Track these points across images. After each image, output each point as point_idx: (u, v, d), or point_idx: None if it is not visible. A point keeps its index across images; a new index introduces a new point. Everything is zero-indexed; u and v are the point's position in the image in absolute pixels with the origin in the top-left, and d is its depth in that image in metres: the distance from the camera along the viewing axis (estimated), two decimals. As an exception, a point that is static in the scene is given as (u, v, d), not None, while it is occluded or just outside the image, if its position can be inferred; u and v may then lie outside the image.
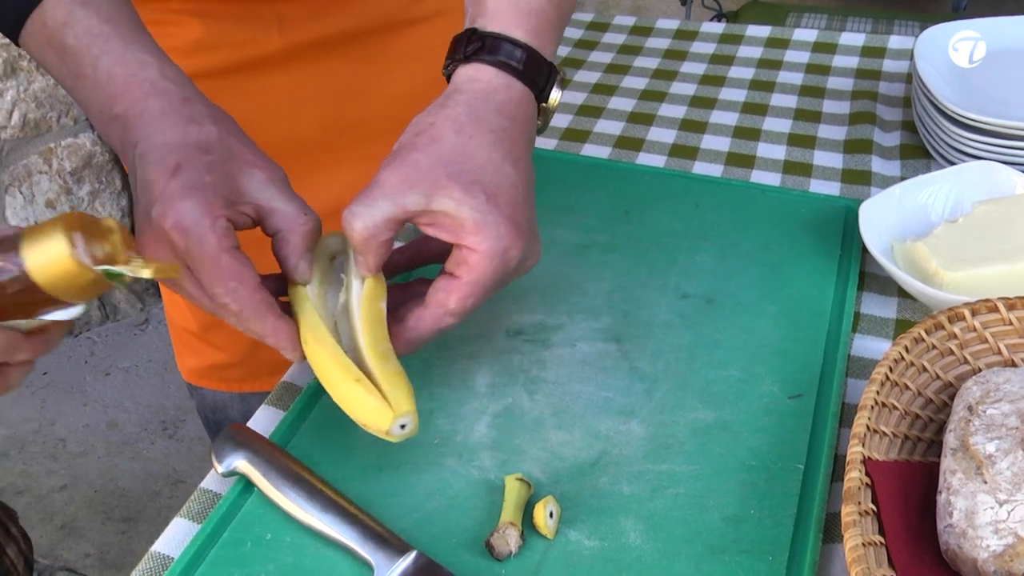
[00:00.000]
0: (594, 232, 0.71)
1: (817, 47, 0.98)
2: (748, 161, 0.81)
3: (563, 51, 1.02)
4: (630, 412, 0.56)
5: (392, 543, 0.47)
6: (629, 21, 1.08)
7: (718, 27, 1.05)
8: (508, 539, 0.48)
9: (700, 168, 0.80)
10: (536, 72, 0.54)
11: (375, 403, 0.47)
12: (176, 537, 0.52)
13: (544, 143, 0.85)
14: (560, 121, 0.89)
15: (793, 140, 0.83)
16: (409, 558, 0.47)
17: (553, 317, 0.64)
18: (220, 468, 0.52)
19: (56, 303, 0.43)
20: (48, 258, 0.40)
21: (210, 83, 0.86)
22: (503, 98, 0.53)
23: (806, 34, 1.01)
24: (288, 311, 0.52)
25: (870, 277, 0.67)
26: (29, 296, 0.41)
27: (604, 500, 0.51)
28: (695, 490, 0.51)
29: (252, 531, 0.50)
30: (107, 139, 0.56)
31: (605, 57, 1.00)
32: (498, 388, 0.58)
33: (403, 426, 0.48)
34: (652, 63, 0.98)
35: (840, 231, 0.69)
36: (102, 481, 1.62)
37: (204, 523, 0.51)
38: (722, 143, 0.84)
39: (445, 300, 0.51)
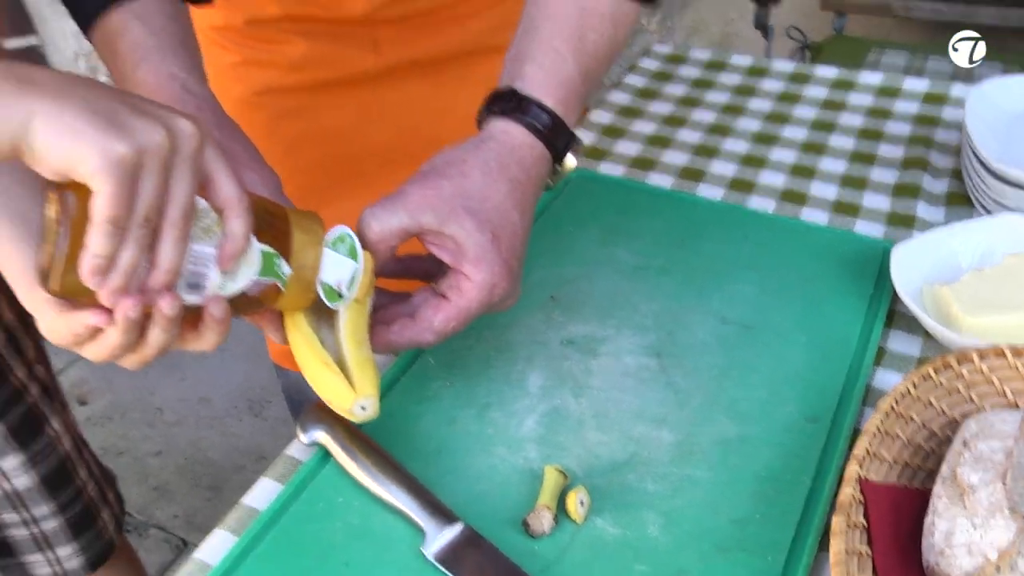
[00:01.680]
0: (650, 256, 0.79)
1: (881, 91, 1.03)
2: (800, 198, 0.87)
3: (640, 81, 1.09)
4: (662, 420, 0.63)
5: (443, 514, 0.56)
6: (705, 55, 1.15)
7: (789, 65, 1.11)
8: (543, 520, 0.56)
9: (755, 202, 0.87)
10: (557, 138, 0.62)
11: (339, 384, 0.55)
12: (262, 495, 0.61)
13: (612, 169, 0.93)
14: (629, 149, 0.96)
15: (845, 181, 0.89)
16: (457, 528, 0.55)
17: (603, 330, 0.71)
18: (303, 438, 0.61)
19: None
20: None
21: (309, 94, 0.97)
22: (526, 155, 0.61)
23: (872, 77, 1.05)
24: None
25: (900, 316, 0.72)
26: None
27: (630, 495, 0.58)
28: (710, 493, 0.58)
29: (326, 494, 0.59)
30: None
31: (679, 90, 1.07)
32: (548, 390, 0.66)
33: (364, 408, 0.55)
34: (723, 98, 1.05)
35: (876, 271, 0.75)
36: (192, 450, 1.76)
37: (287, 484, 0.60)
38: (778, 179, 0.90)
39: (432, 317, 0.58)
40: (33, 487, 0.87)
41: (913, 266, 0.71)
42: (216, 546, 0.58)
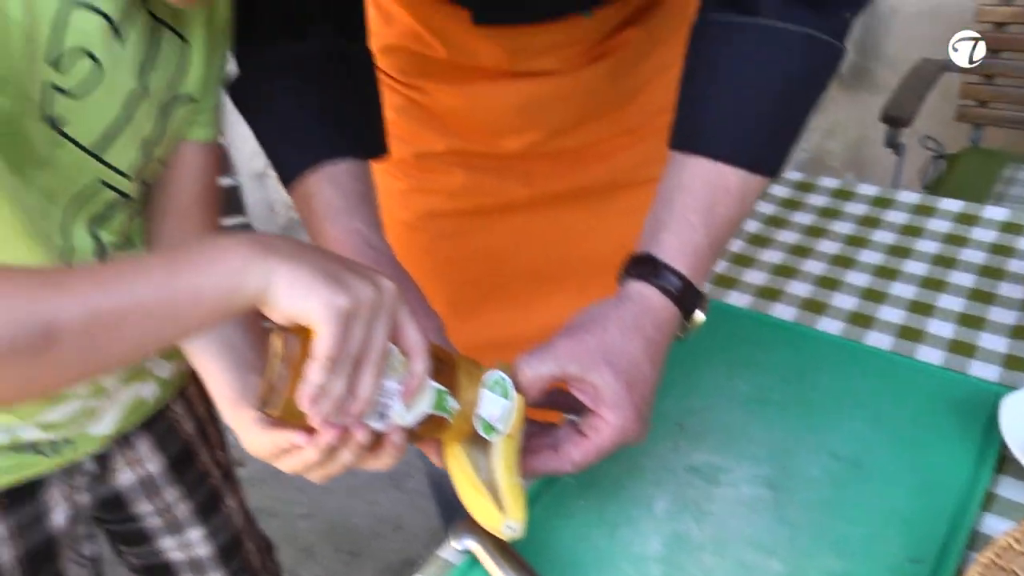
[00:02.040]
0: (770, 389, 0.86)
1: (1005, 227, 1.07)
2: (917, 335, 0.92)
3: (769, 209, 1.17)
4: (772, 551, 0.70)
5: (574, 625, 0.65)
6: (833, 184, 1.21)
7: (914, 197, 1.16)
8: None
9: (874, 337, 0.92)
10: (687, 299, 0.71)
11: (490, 508, 0.64)
12: (420, 591, 0.71)
13: (740, 299, 1.00)
14: (755, 278, 1.04)
15: (963, 320, 0.93)
16: (586, 638, 0.64)
17: (724, 460, 0.79)
18: (456, 545, 0.71)
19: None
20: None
21: (466, 218, 1.09)
22: (659, 315, 0.70)
23: (996, 212, 1.10)
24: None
25: (1011, 461, 0.77)
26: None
27: (741, 620, 0.65)
28: (815, 624, 0.65)
29: (475, 597, 0.69)
30: None
31: (806, 219, 1.14)
32: (672, 514, 0.74)
33: (511, 528, 0.64)
34: (847, 228, 1.11)
35: (987, 416, 0.80)
36: (337, 516, 1.90)
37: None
38: (897, 315, 0.95)
39: (572, 451, 0.67)
40: (211, 556, 1.00)
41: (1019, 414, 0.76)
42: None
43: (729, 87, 0.74)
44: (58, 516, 0.85)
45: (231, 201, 2.07)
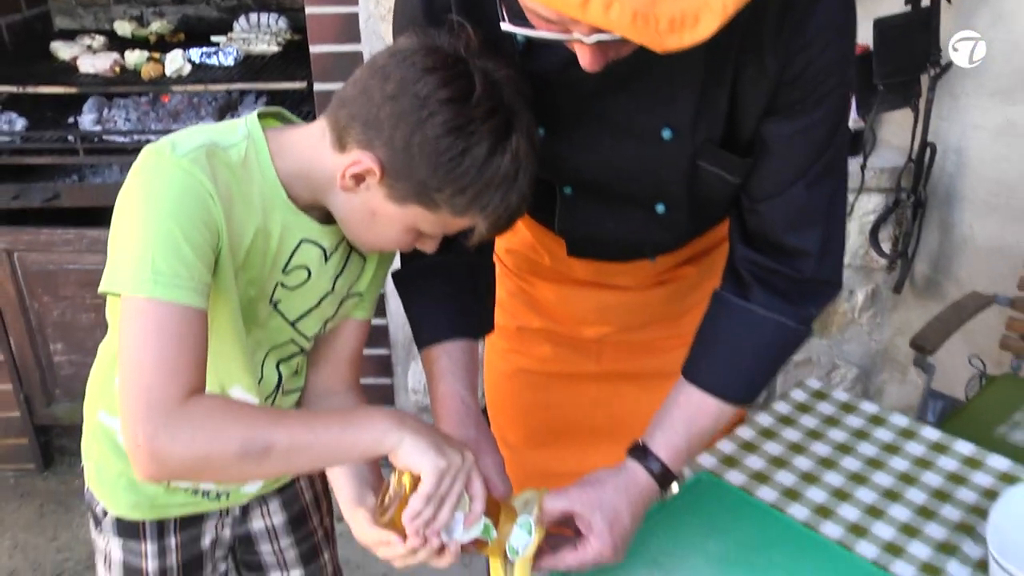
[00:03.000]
0: (731, 552, 1.16)
1: (1003, 477, 1.33)
2: (898, 551, 1.21)
3: (784, 409, 1.48)
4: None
5: None
6: (843, 397, 1.51)
7: (934, 435, 1.42)
8: None
9: (831, 530, 1.22)
10: (664, 479, 1.06)
11: None
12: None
13: (736, 477, 1.32)
14: (755, 464, 1.35)
15: (942, 548, 1.22)
16: None
17: (682, 597, 1.11)
18: (483, 616, 1.06)
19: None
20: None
21: (547, 378, 1.46)
22: (642, 486, 1.06)
23: (999, 462, 1.35)
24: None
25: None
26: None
27: None
28: None
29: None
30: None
31: (811, 423, 1.45)
32: (634, 626, 1.07)
33: None
34: (841, 437, 1.41)
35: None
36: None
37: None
38: (857, 517, 1.25)
39: (566, 557, 1.03)
40: None
41: None
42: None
43: (720, 345, 1.10)
44: (207, 541, 1.25)
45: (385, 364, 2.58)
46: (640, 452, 1.09)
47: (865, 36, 2.05)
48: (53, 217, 2.40)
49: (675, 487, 1.09)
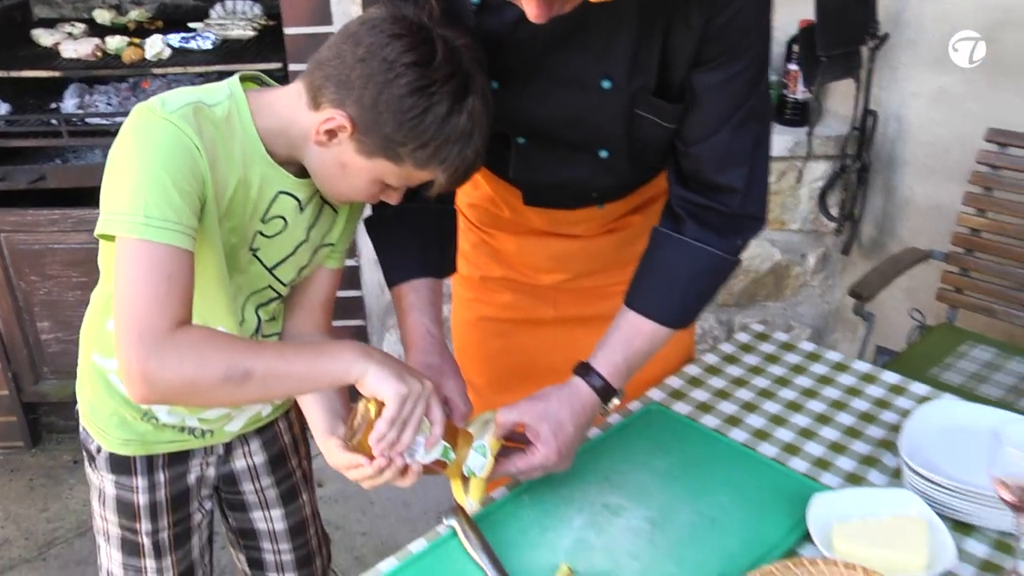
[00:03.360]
0: (673, 467, 1.29)
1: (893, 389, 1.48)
2: (794, 450, 1.34)
3: (729, 348, 1.60)
4: (637, 556, 1.13)
5: (500, 570, 1.09)
6: (782, 338, 1.64)
7: (864, 366, 1.56)
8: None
9: (765, 448, 1.35)
10: (605, 393, 1.18)
11: (462, 494, 1.11)
12: (418, 545, 1.17)
13: (682, 408, 1.44)
14: (700, 396, 1.47)
15: (832, 446, 1.35)
16: (507, 581, 1.09)
17: (627, 503, 1.22)
18: (445, 522, 1.18)
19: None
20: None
21: (509, 325, 1.57)
22: (584, 399, 1.17)
23: (920, 388, 1.49)
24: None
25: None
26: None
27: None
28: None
29: (449, 549, 1.15)
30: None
31: (753, 360, 1.57)
32: (583, 527, 1.18)
33: (471, 505, 1.12)
34: (781, 372, 1.54)
35: (805, 502, 1.20)
36: (388, 536, 2.36)
37: (431, 542, 1.16)
38: (786, 436, 1.37)
39: (516, 462, 1.14)
40: (283, 531, 1.48)
41: (830, 507, 1.17)
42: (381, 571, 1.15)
43: (656, 273, 1.22)
44: (192, 478, 1.35)
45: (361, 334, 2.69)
46: (583, 369, 1.21)
47: (809, 11, 2.19)
48: (38, 198, 2.49)
49: (615, 400, 1.21)
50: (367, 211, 1.33)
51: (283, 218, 1.15)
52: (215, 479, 1.39)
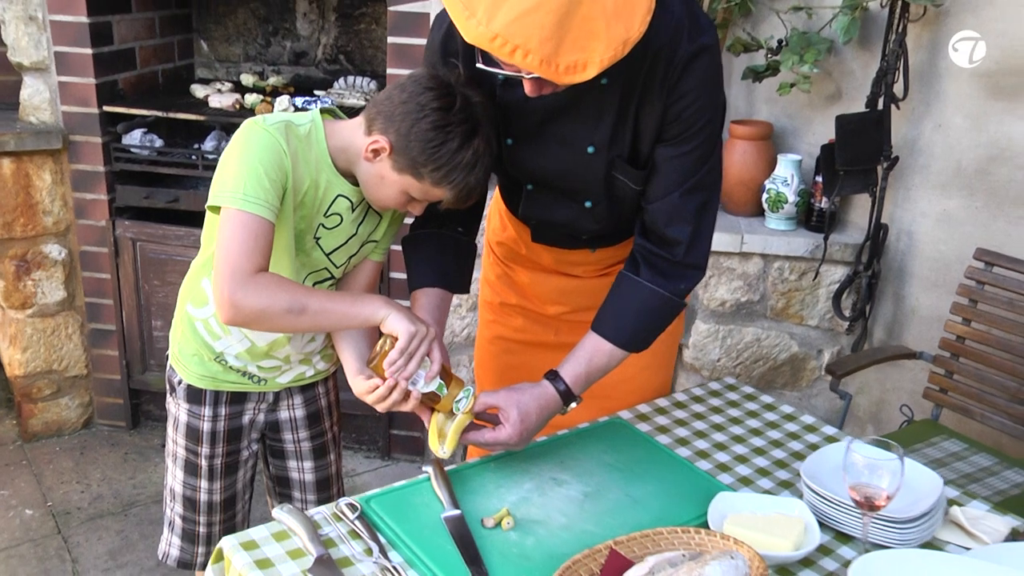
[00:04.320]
0: (617, 460, 1.59)
1: (829, 439, 1.74)
2: (723, 468, 1.62)
3: (699, 392, 1.90)
4: (568, 517, 1.44)
5: (455, 505, 1.42)
6: (748, 390, 1.92)
7: (789, 409, 1.84)
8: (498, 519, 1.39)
9: (703, 464, 1.63)
10: (566, 397, 1.51)
11: (436, 441, 1.45)
12: (403, 481, 1.51)
13: (638, 423, 1.74)
14: (660, 420, 1.77)
15: (751, 465, 1.62)
16: (457, 512, 1.41)
17: (570, 479, 1.53)
18: (424, 469, 1.51)
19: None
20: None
21: (519, 346, 1.92)
22: (549, 398, 1.51)
23: (830, 429, 1.77)
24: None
25: (714, 525, 1.45)
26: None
27: (546, 524, 1.40)
28: (585, 523, 1.38)
29: (421, 488, 1.48)
30: None
31: (716, 402, 1.86)
32: (530, 490, 1.49)
33: (443, 451, 1.45)
34: (736, 414, 1.82)
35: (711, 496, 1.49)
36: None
37: (411, 480, 1.50)
38: (724, 458, 1.66)
39: (487, 434, 1.48)
40: (312, 483, 1.83)
41: (730, 503, 1.45)
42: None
43: (615, 305, 1.57)
44: (246, 419, 1.73)
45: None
46: (552, 375, 1.55)
47: (831, 131, 2.51)
48: (171, 217, 3.00)
49: (573, 404, 1.54)
50: (404, 231, 1.72)
51: (339, 215, 1.55)
52: (263, 425, 1.77)
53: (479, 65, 1.38)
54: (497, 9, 1.21)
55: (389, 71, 2.76)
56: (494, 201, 1.89)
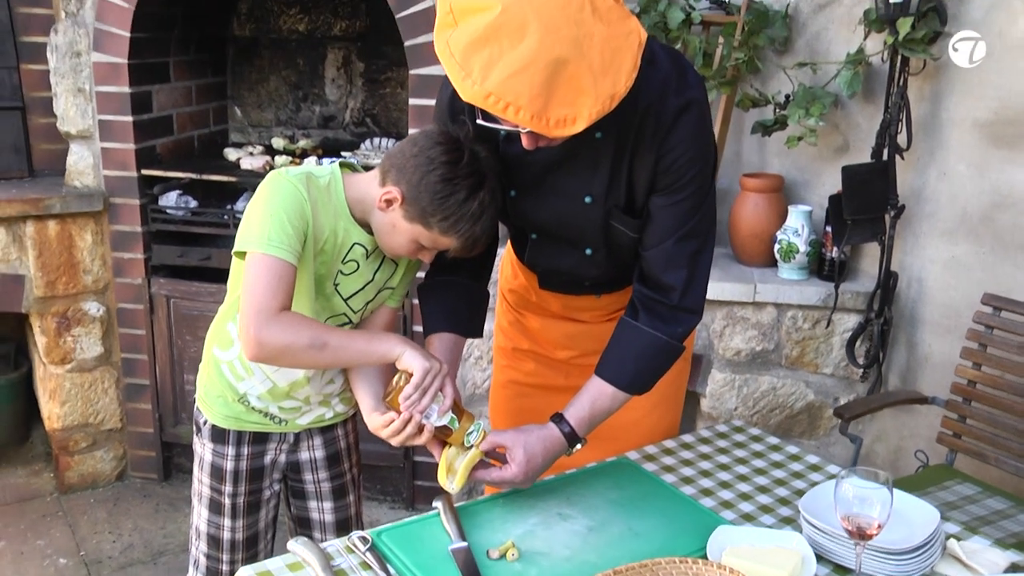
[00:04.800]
0: (622, 496, 1.64)
1: (831, 476, 1.77)
2: (729, 506, 1.66)
3: (706, 433, 1.94)
4: (572, 549, 1.49)
5: (462, 536, 1.48)
6: (755, 432, 1.97)
7: (794, 449, 1.88)
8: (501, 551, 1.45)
9: (706, 502, 1.68)
10: (571, 440, 1.57)
11: (445, 476, 1.51)
12: (417, 516, 1.57)
13: (649, 466, 1.79)
14: (667, 461, 1.82)
15: (761, 506, 1.66)
16: (464, 544, 1.47)
17: (576, 514, 1.58)
18: (435, 504, 1.57)
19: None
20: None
21: (530, 389, 1.98)
22: (554, 440, 1.57)
23: (834, 468, 1.80)
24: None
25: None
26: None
27: (549, 557, 1.45)
28: (590, 555, 1.43)
29: (430, 523, 1.54)
30: None
31: (723, 443, 1.90)
32: (536, 525, 1.55)
33: (451, 486, 1.51)
34: (739, 454, 1.86)
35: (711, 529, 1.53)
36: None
37: (422, 515, 1.56)
38: (728, 496, 1.70)
39: (492, 473, 1.54)
40: (332, 523, 1.89)
41: (729, 536, 1.49)
42: (385, 524, 1.55)
43: (617, 350, 1.63)
44: (268, 459, 1.81)
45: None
46: (558, 417, 1.61)
47: (840, 181, 2.58)
48: (204, 274, 3.13)
49: (578, 446, 1.60)
50: (421, 277, 1.81)
51: (357, 262, 1.64)
52: (285, 465, 1.84)
53: (479, 121, 1.47)
54: (490, 70, 1.31)
55: (412, 131, 2.88)
56: (507, 251, 1.98)
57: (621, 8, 1.37)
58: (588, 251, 1.69)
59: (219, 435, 1.77)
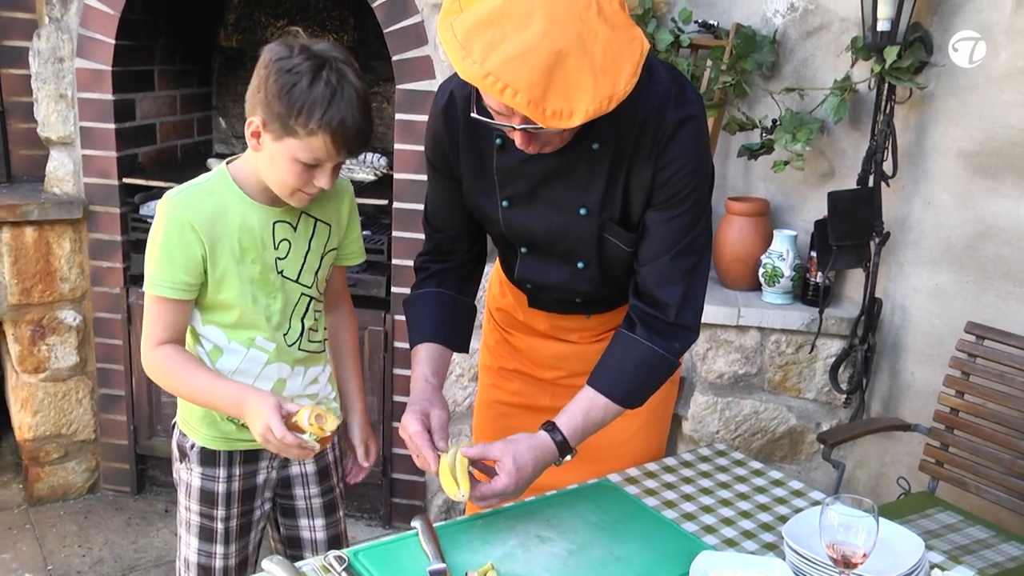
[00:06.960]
0: (602, 519, 1.62)
1: (814, 503, 1.76)
2: (712, 530, 1.64)
3: (689, 457, 1.92)
4: (552, 572, 1.46)
5: (441, 558, 1.45)
6: (735, 455, 1.95)
7: (778, 474, 1.87)
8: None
9: (689, 526, 1.65)
10: (563, 449, 1.55)
11: (453, 486, 1.48)
12: (396, 536, 1.54)
13: (632, 489, 1.77)
14: (649, 484, 1.80)
15: (742, 531, 1.64)
16: (442, 566, 1.44)
17: (555, 537, 1.55)
18: (413, 523, 1.54)
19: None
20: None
21: (515, 408, 1.96)
22: (545, 449, 1.54)
23: (818, 495, 1.79)
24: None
25: (696, 584, 1.47)
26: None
27: (514, 585, 1.42)
28: (543, 595, 1.40)
29: (408, 543, 1.51)
30: None
31: (706, 467, 1.89)
32: (515, 546, 1.52)
33: (462, 495, 1.47)
34: (724, 479, 1.84)
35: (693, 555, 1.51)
36: None
37: (401, 534, 1.53)
38: (710, 520, 1.68)
39: (484, 487, 1.50)
40: (324, 541, 1.85)
41: (712, 562, 1.47)
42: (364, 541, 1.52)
43: (612, 362, 1.61)
44: (260, 478, 1.77)
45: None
46: (550, 426, 1.58)
47: (825, 207, 2.59)
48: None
49: (568, 456, 1.57)
50: (404, 290, 1.78)
51: (287, 240, 1.63)
52: (276, 483, 1.80)
53: (473, 115, 1.45)
54: (491, 51, 1.29)
55: (397, 146, 2.87)
56: (495, 269, 1.96)
57: (626, 16, 1.37)
58: (580, 264, 1.67)
59: (208, 458, 1.73)
